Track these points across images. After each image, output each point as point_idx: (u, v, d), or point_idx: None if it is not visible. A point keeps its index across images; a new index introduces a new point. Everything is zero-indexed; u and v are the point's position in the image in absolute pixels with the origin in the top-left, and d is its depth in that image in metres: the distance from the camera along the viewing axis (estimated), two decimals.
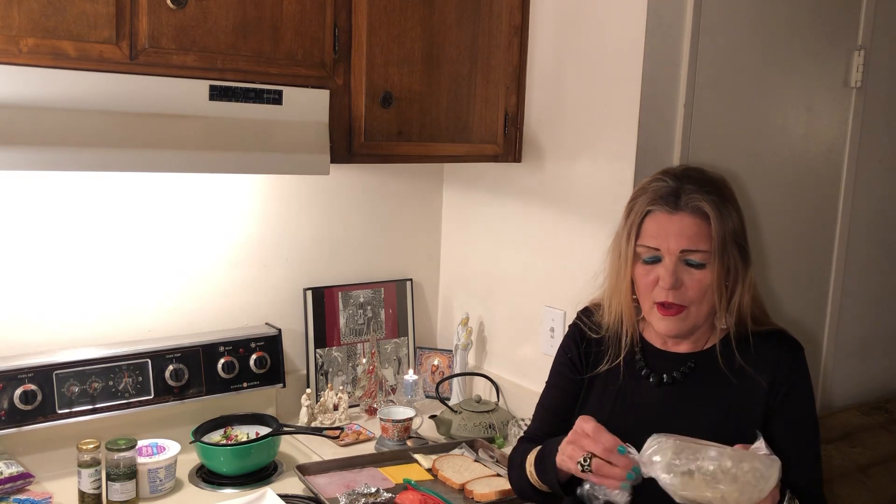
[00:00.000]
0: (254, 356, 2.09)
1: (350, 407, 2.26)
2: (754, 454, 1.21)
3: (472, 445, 2.05)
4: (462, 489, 1.82)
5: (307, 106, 1.79)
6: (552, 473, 1.40)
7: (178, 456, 1.81)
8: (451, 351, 2.40)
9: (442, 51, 1.98)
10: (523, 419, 2.13)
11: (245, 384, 2.08)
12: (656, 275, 1.42)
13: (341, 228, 2.35)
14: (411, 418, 2.09)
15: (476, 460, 1.96)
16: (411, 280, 2.48)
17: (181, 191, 2.06)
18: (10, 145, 1.45)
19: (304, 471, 1.86)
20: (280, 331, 2.17)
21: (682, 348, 1.50)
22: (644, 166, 1.88)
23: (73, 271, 1.94)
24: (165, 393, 1.96)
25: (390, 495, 1.75)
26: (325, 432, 2.03)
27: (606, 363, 1.54)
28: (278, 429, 1.95)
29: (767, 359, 1.44)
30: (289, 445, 2.06)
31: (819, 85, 2.23)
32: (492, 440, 2.11)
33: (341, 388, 2.32)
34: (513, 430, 2.14)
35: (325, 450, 2.03)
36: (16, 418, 1.76)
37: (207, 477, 1.87)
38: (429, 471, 1.91)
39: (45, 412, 1.79)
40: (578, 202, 2.05)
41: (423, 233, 2.53)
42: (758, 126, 2.11)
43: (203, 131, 1.65)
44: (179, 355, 1.98)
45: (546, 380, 1.65)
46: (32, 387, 1.78)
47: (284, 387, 2.17)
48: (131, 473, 1.71)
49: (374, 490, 1.75)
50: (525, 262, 2.24)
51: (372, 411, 2.28)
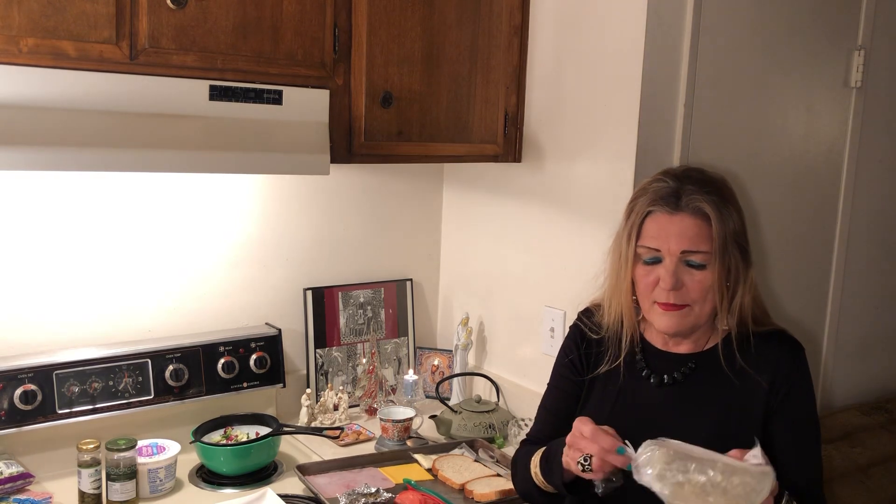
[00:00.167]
0: (254, 356, 2.09)
1: (350, 407, 2.26)
2: (746, 467, 1.20)
3: (472, 445, 2.05)
4: (462, 489, 1.82)
5: (307, 106, 1.78)
6: (558, 474, 1.40)
7: (178, 456, 1.81)
8: (451, 351, 2.40)
9: (442, 51, 1.98)
10: (523, 419, 2.13)
11: (245, 384, 2.08)
12: (657, 275, 1.42)
13: (341, 228, 2.35)
14: (411, 418, 2.09)
15: (476, 460, 1.96)
16: (411, 280, 2.48)
17: (181, 191, 2.06)
18: (10, 145, 1.45)
19: (304, 471, 1.86)
20: (280, 331, 2.17)
21: (683, 349, 1.50)
22: (644, 166, 1.88)
23: (73, 271, 1.94)
24: (165, 393, 1.96)
25: (390, 495, 1.75)
26: (325, 432, 2.03)
27: (607, 364, 1.54)
28: (278, 429, 1.95)
29: (768, 359, 1.44)
30: (289, 445, 2.06)
31: (819, 85, 2.23)
32: (492, 440, 2.11)
33: (341, 388, 2.32)
34: (513, 430, 2.14)
35: (325, 450, 2.03)
36: (16, 418, 1.76)
37: (207, 477, 1.87)
38: (429, 471, 1.91)
39: (45, 412, 1.79)
40: (578, 202, 2.05)
41: (423, 233, 2.53)
42: (758, 126, 2.11)
43: (203, 131, 1.65)
44: (179, 355, 1.98)
45: (546, 380, 1.65)
46: (32, 387, 1.78)
47: (284, 387, 2.17)
48: (131, 473, 1.71)
49: (374, 490, 1.75)
50: (525, 262, 2.24)
51: (372, 411, 2.28)
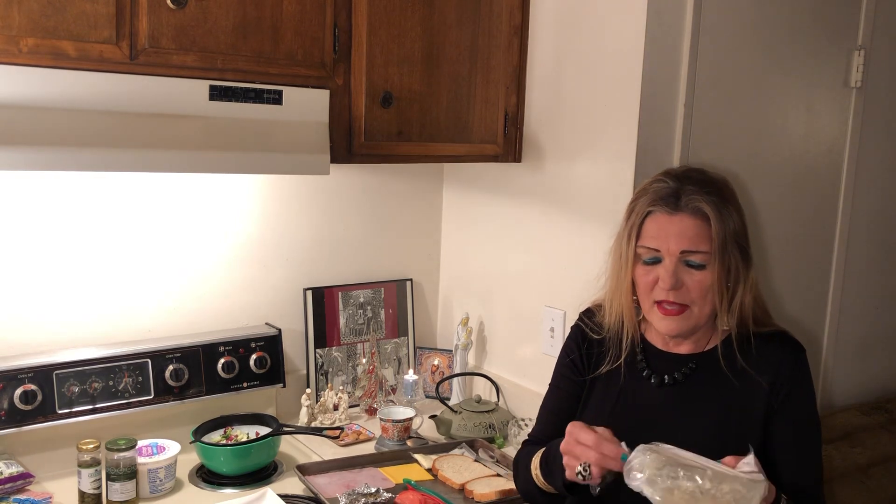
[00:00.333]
0: (254, 356, 2.09)
1: (350, 407, 2.26)
2: (736, 475, 1.20)
3: (472, 445, 2.05)
4: (462, 489, 1.82)
5: (307, 106, 1.78)
6: (558, 475, 1.40)
7: (178, 456, 1.81)
8: (451, 351, 2.40)
9: (442, 51, 1.97)
10: (523, 419, 2.13)
11: (245, 384, 2.08)
12: (656, 275, 1.42)
13: (341, 228, 2.35)
14: (411, 418, 2.09)
15: (476, 460, 1.96)
16: (411, 280, 2.48)
17: (181, 191, 2.06)
18: (10, 145, 1.45)
19: (304, 471, 1.86)
20: (280, 331, 2.17)
21: (684, 349, 1.50)
22: (644, 166, 1.87)
23: (73, 271, 1.94)
24: (165, 393, 1.96)
25: (390, 495, 1.75)
26: (325, 432, 2.03)
27: (608, 364, 1.54)
28: (278, 429, 1.95)
29: (769, 360, 1.44)
30: (289, 445, 2.06)
31: (819, 85, 2.23)
32: (492, 440, 2.11)
33: (341, 388, 2.32)
34: (513, 430, 2.14)
35: (325, 450, 2.03)
36: (16, 418, 1.76)
37: (207, 477, 1.87)
38: (429, 471, 1.91)
39: (45, 412, 1.79)
40: (578, 202, 2.05)
41: (423, 233, 2.53)
42: (758, 126, 2.11)
43: (203, 131, 1.65)
44: (179, 355, 1.98)
45: (547, 380, 1.65)
46: (32, 387, 1.78)
47: (284, 387, 2.17)
48: (131, 473, 1.71)
49: (374, 490, 1.75)
50: (525, 262, 2.24)
51: (372, 411, 2.28)
